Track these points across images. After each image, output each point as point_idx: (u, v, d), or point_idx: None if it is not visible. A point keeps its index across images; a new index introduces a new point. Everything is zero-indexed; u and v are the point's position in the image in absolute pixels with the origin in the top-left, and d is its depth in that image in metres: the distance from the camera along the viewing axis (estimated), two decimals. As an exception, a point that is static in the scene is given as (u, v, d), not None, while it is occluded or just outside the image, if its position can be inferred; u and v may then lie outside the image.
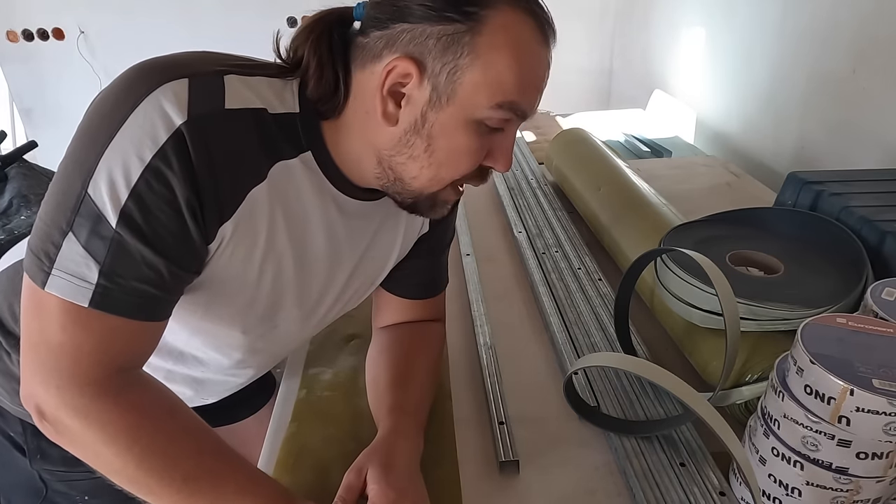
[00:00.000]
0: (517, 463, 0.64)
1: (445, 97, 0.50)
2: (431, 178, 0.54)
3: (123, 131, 0.44)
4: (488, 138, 0.53)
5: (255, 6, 2.52)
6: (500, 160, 0.55)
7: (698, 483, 0.60)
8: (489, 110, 0.51)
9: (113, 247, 0.45)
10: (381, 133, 0.53)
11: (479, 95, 0.50)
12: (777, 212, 0.94)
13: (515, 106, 0.51)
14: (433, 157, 0.52)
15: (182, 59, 0.49)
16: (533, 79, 0.52)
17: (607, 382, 0.74)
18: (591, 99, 2.77)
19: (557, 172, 1.34)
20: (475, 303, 0.93)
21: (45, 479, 0.76)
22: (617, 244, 1.01)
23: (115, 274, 0.46)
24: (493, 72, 0.49)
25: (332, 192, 0.57)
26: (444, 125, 0.51)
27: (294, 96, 0.53)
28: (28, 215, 1.32)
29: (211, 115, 0.46)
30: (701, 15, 1.91)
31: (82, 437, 0.48)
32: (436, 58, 0.49)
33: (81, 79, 2.52)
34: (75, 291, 0.45)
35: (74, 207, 0.45)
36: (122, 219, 0.45)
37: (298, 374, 0.81)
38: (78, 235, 0.45)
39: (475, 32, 0.49)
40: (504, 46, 0.49)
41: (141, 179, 0.44)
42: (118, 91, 0.47)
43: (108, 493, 0.77)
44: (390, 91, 0.51)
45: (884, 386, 0.47)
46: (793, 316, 0.68)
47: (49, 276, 0.45)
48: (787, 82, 1.48)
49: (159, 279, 0.48)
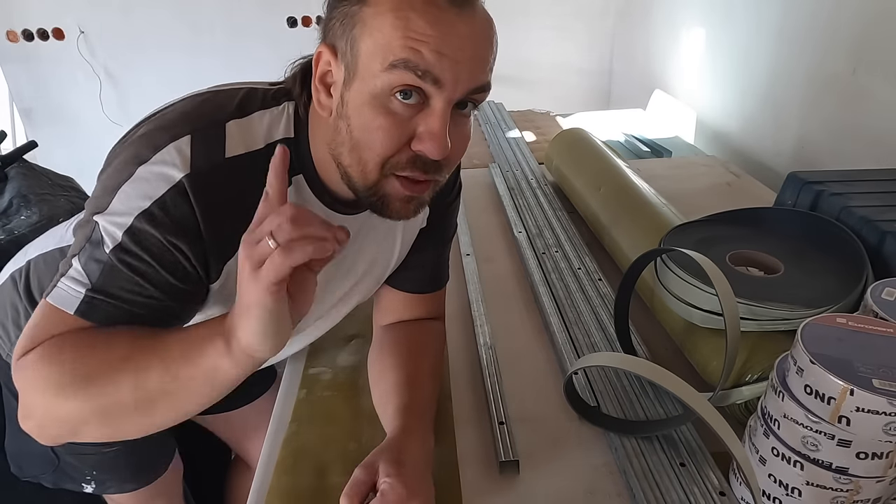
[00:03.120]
0: (517, 463, 0.64)
1: (351, 73, 0.51)
2: (358, 162, 0.52)
3: (133, 180, 0.51)
4: (407, 115, 0.50)
5: (255, 6, 2.51)
6: (427, 141, 0.51)
7: (698, 483, 0.60)
8: (384, 74, 0.49)
9: (105, 269, 0.51)
10: (325, 126, 0.55)
11: (373, 61, 0.49)
12: (777, 212, 0.94)
13: (411, 65, 0.48)
14: (353, 137, 0.52)
15: (191, 113, 0.54)
16: (431, 39, 0.48)
17: (607, 382, 0.74)
18: (591, 99, 2.77)
19: (557, 172, 1.34)
20: (475, 303, 0.93)
21: (56, 452, 0.79)
22: (617, 244, 1.01)
23: (101, 292, 0.51)
24: (379, 34, 0.49)
25: (324, 210, 0.60)
26: (355, 102, 0.51)
27: (290, 120, 0.56)
28: (28, 215, 1.32)
29: (212, 167, 0.51)
30: (701, 15, 1.91)
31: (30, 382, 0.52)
32: (339, 38, 0.51)
33: (81, 79, 2.51)
34: (67, 300, 0.51)
35: (86, 237, 0.52)
36: (116, 249, 0.50)
37: (298, 374, 0.81)
38: (79, 256, 0.52)
39: (363, 4, 0.50)
40: (388, 10, 0.48)
41: (136, 220, 0.50)
42: (130, 151, 0.52)
43: (115, 469, 0.81)
44: (321, 80, 0.53)
45: (884, 386, 0.47)
46: (793, 316, 0.68)
47: (55, 288, 0.52)
48: (787, 82, 1.48)
49: (143, 303, 0.52)
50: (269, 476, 0.66)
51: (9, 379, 0.75)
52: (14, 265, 0.75)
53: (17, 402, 0.77)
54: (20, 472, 0.83)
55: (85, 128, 2.60)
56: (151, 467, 0.85)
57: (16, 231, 1.28)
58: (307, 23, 2.56)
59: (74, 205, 1.38)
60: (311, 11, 2.54)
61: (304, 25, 2.56)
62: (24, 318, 0.71)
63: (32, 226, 1.29)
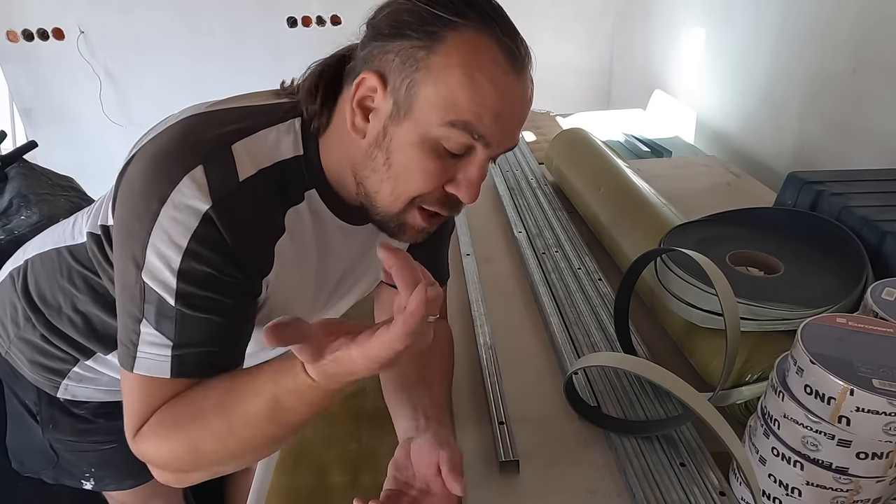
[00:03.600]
0: (517, 463, 0.64)
1: (404, 111, 0.51)
2: (390, 193, 0.54)
3: (160, 223, 0.50)
4: (450, 163, 0.53)
5: (255, 6, 2.51)
6: (464, 189, 0.54)
7: (698, 483, 0.60)
8: (442, 128, 0.51)
9: (178, 321, 0.51)
10: (354, 147, 0.55)
11: (433, 112, 0.50)
12: (777, 212, 0.94)
13: (470, 127, 0.50)
14: (391, 170, 0.53)
15: (190, 139, 0.53)
16: (493, 104, 0.50)
17: (607, 383, 0.74)
18: (591, 99, 2.77)
19: (557, 172, 1.34)
20: (475, 303, 0.93)
21: (55, 449, 0.79)
22: (617, 244, 1.01)
23: (186, 343, 0.52)
24: (444, 88, 0.50)
25: (336, 221, 0.61)
26: (402, 140, 0.52)
27: (298, 136, 0.56)
28: (28, 215, 1.32)
29: (230, 194, 0.51)
30: (701, 15, 1.91)
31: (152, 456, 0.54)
32: (395, 72, 0.51)
33: (81, 79, 2.51)
34: (158, 367, 0.52)
35: (140, 297, 0.51)
36: (178, 297, 0.50)
37: (298, 374, 0.81)
38: (149, 320, 0.51)
39: (431, 50, 0.50)
40: (458, 65, 0.49)
41: (183, 262, 0.50)
42: (144, 190, 0.51)
43: (112, 466, 0.81)
44: (360, 104, 0.53)
45: (884, 386, 0.47)
46: (793, 316, 0.69)
47: (136, 360, 0.52)
48: (787, 82, 1.48)
49: (222, 337, 0.53)
50: (269, 476, 0.66)
51: (10, 377, 0.76)
52: (12, 264, 0.75)
53: (17, 401, 0.77)
54: (21, 469, 0.83)
55: (85, 128, 2.60)
56: None
57: (16, 231, 1.28)
58: (307, 23, 2.55)
59: (74, 205, 1.38)
60: (311, 11, 2.53)
61: (304, 25, 2.56)
62: (21, 316, 0.71)
63: (32, 226, 1.29)
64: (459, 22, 0.50)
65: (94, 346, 0.69)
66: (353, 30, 0.58)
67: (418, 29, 0.50)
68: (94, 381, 0.73)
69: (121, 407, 0.78)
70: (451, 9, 0.50)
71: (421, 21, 0.50)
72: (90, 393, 0.75)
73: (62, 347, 0.70)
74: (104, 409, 0.77)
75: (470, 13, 0.50)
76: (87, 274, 0.66)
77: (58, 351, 0.70)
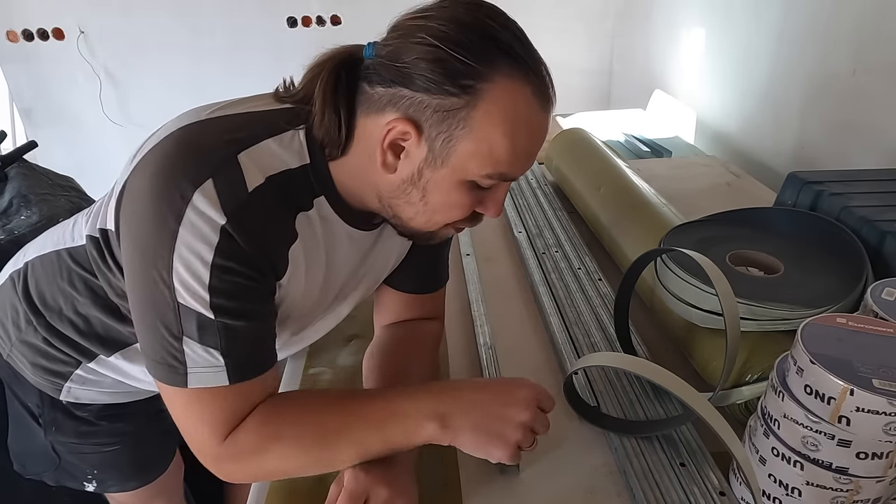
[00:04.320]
0: (517, 463, 0.64)
1: (440, 160, 0.53)
2: (426, 222, 0.58)
3: (180, 243, 0.50)
4: (481, 193, 0.57)
5: (255, 6, 2.51)
6: (491, 209, 0.59)
7: (698, 483, 0.60)
8: (479, 177, 0.54)
9: (221, 332, 0.52)
10: (381, 178, 0.56)
11: (472, 163, 0.53)
12: (777, 212, 0.94)
13: (505, 176, 0.55)
14: (427, 206, 0.57)
15: (193, 150, 0.53)
16: (527, 148, 0.55)
17: (607, 383, 0.74)
18: (591, 99, 2.77)
19: (557, 172, 1.34)
20: (475, 303, 0.93)
21: (57, 451, 0.79)
22: (617, 244, 1.01)
23: (233, 350, 0.53)
24: (486, 144, 0.52)
25: (345, 227, 0.62)
26: (439, 183, 0.55)
27: (303, 146, 0.56)
28: (28, 215, 1.32)
29: (243, 206, 0.52)
30: (701, 15, 1.91)
31: (249, 469, 0.57)
32: (433, 126, 0.52)
33: (81, 79, 2.51)
34: (215, 378, 0.53)
35: (176, 317, 0.52)
36: (216, 309, 0.52)
37: (299, 374, 0.81)
38: (191, 336, 0.52)
39: (471, 107, 0.51)
40: (499, 122, 0.52)
41: (213, 277, 0.51)
42: (156, 207, 0.51)
43: (115, 468, 0.81)
44: (391, 144, 0.54)
45: (884, 386, 0.47)
46: (793, 316, 0.69)
47: (188, 377, 0.53)
48: (787, 82, 1.48)
49: (262, 335, 0.57)
50: (269, 476, 0.66)
51: (12, 380, 0.76)
52: (13, 266, 0.75)
53: (19, 403, 0.77)
54: (23, 470, 0.83)
55: (85, 128, 2.60)
56: (152, 466, 0.85)
57: (16, 231, 1.28)
58: (307, 23, 2.55)
59: (74, 205, 1.38)
60: (311, 11, 2.53)
61: (305, 25, 2.56)
62: (22, 318, 0.71)
63: (32, 226, 1.29)
64: (493, 72, 0.50)
65: (95, 348, 0.69)
66: (353, 30, 0.58)
67: (453, 84, 0.50)
68: (96, 383, 0.73)
69: (124, 409, 0.78)
70: (483, 57, 0.50)
71: (454, 74, 0.50)
72: (93, 395, 0.75)
73: (64, 350, 0.70)
74: (107, 412, 0.77)
75: (501, 58, 0.51)
76: (86, 276, 0.66)
77: (60, 353, 0.70)
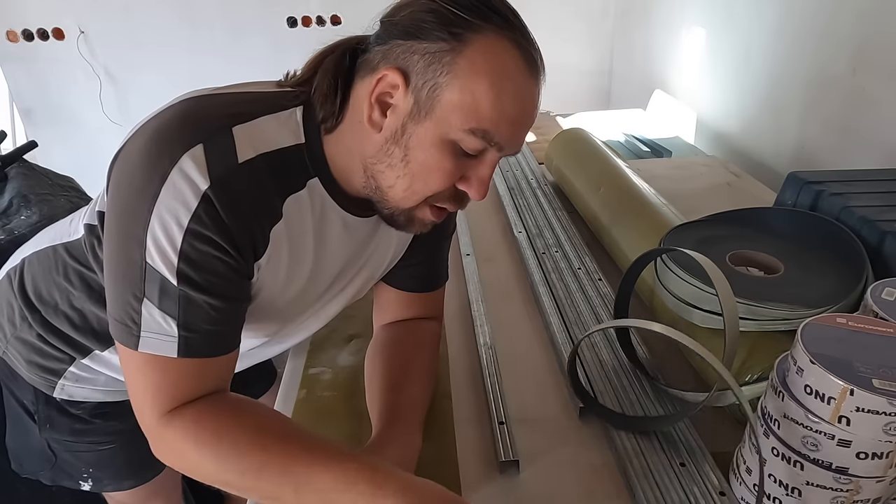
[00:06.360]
0: (517, 463, 0.64)
1: (425, 111, 0.52)
2: (406, 189, 0.55)
3: (160, 203, 0.49)
4: (464, 161, 0.55)
5: (255, 6, 2.51)
6: (474, 186, 0.57)
7: (698, 483, 0.60)
8: (462, 133, 0.52)
9: (181, 302, 0.51)
10: (367, 140, 0.55)
11: (454, 116, 0.51)
12: (777, 212, 0.94)
13: (488, 136, 0.52)
14: (408, 167, 0.54)
15: (190, 119, 0.53)
16: (512, 111, 0.52)
17: (607, 382, 0.74)
18: (591, 99, 2.77)
19: (557, 172, 1.34)
20: (475, 303, 0.93)
21: (53, 449, 0.79)
22: (617, 244, 1.01)
23: (190, 323, 0.52)
24: (469, 95, 0.51)
25: (339, 212, 0.61)
26: (421, 138, 0.53)
27: (299, 125, 0.56)
28: (28, 215, 1.32)
29: (229, 174, 0.51)
30: (701, 15, 1.91)
31: (174, 451, 0.55)
32: (419, 72, 0.51)
33: (81, 79, 2.51)
34: (163, 346, 0.52)
35: (141, 277, 0.51)
36: (181, 277, 0.50)
37: (298, 374, 0.81)
38: (151, 300, 0.51)
39: (457, 53, 0.50)
40: (484, 72, 0.50)
41: (184, 242, 0.50)
42: (144, 166, 0.51)
43: (110, 467, 0.81)
44: (378, 99, 0.53)
45: (884, 386, 0.47)
46: (793, 316, 0.68)
47: (139, 339, 0.52)
48: (787, 82, 1.48)
49: (224, 317, 0.54)
50: (269, 476, 0.66)
51: (7, 377, 0.76)
52: (10, 264, 0.75)
53: (15, 401, 0.77)
54: (20, 469, 0.83)
55: (85, 128, 2.60)
56: (148, 465, 0.85)
57: (16, 231, 1.28)
58: (307, 23, 2.55)
59: (74, 205, 1.38)
60: (311, 11, 2.53)
61: (304, 25, 2.56)
62: (17, 314, 0.71)
63: (32, 226, 1.29)
64: (483, 25, 0.50)
65: (90, 342, 0.69)
66: (354, 30, 0.58)
67: (443, 30, 0.50)
68: (90, 381, 0.73)
69: (118, 408, 0.78)
70: (475, 11, 0.50)
71: (445, 22, 0.50)
72: (87, 393, 0.75)
73: (59, 346, 0.70)
74: (101, 410, 0.77)
75: (493, 16, 0.51)
76: (82, 270, 0.66)
77: (54, 350, 0.70)
